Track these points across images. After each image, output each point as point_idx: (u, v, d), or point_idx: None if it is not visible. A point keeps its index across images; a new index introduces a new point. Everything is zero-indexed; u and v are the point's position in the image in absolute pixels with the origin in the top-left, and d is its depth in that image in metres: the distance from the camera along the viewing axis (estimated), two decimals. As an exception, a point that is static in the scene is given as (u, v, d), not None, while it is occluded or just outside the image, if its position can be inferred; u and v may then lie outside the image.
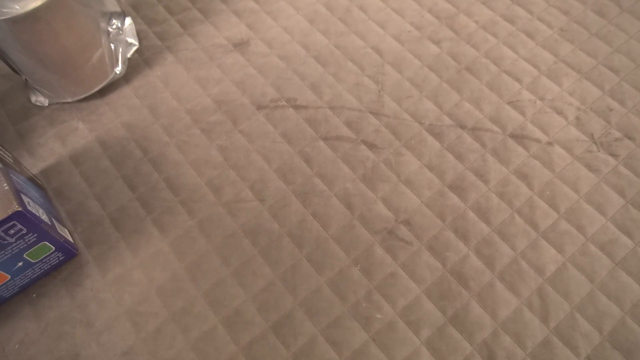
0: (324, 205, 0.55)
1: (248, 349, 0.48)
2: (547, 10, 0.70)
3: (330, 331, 0.48)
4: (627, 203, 0.55)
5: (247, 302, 0.50)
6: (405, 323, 0.49)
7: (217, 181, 0.57)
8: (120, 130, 0.62)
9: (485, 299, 0.50)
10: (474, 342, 0.48)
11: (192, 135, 0.61)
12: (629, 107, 0.61)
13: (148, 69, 0.67)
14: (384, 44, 0.68)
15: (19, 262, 0.47)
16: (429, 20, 0.70)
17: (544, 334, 0.48)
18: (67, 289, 0.51)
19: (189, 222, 0.55)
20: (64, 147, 0.61)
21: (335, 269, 0.52)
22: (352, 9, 0.72)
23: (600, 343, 0.47)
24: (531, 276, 0.51)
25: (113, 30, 0.62)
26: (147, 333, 0.49)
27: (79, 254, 0.53)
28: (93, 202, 0.57)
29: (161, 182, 0.58)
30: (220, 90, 0.65)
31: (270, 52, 0.68)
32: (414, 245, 0.53)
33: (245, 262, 0.52)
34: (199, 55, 0.68)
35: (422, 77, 0.65)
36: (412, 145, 0.59)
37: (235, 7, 0.72)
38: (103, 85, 0.63)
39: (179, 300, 0.50)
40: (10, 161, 0.50)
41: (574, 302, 0.49)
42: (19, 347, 0.49)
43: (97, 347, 0.48)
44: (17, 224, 0.43)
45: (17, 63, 0.57)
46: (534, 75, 0.64)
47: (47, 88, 0.61)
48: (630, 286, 0.50)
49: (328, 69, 0.66)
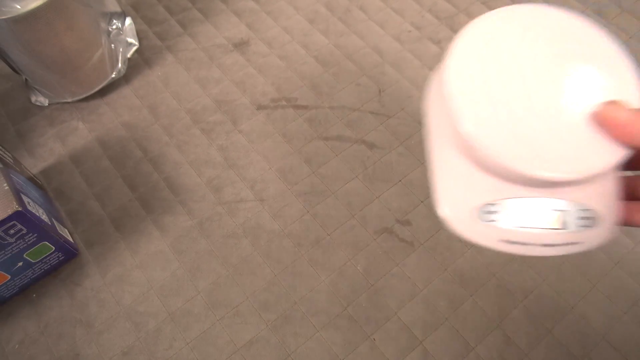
0: (324, 205, 0.55)
1: (248, 349, 0.48)
2: (547, 10, 0.70)
3: (330, 331, 0.48)
4: (627, 203, 0.55)
5: (247, 302, 0.50)
6: (406, 323, 0.49)
7: (217, 181, 0.57)
8: (120, 130, 0.62)
9: (485, 298, 0.50)
10: (474, 342, 0.48)
11: (192, 135, 0.61)
12: (629, 107, 0.61)
13: (148, 69, 0.67)
14: (384, 44, 0.68)
15: (19, 262, 0.47)
16: (429, 20, 0.70)
17: (544, 333, 0.48)
18: (67, 289, 0.51)
19: (189, 222, 0.55)
20: (64, 147, 0.61)
21: (335, 269, 0.52)
22: (352, 9, 0.72)
23: (600, 343, 0.47)
24: (531, 276, 0.51)
25: (113, 30, 0.62)
26: (147, 333, 0.49)
27: (79, 254, 0.53)
28: (93, 202, 0.57)
29: (161, 182, 0.58)
30: (220, 90, 0.65)
31: (270, 52, 0.68)
32: (414, 245, 0.53)
33: (245, 262, 0.52)
34: (199, 55, 0.68)
35: (422, 77, 0.65)
36: (412, 145, 0.59)
37: (235, 7, 0.72)
38: (103, 85, 0.63)
39: (179, 300, 0.50)
40: (10, 161, 0.50)
41: (574, 302, 0.49)
42: (19, 347, 0.49)
43: (97, 347, 0.48)
44: (17, 224, 0.43)
45: (17, 63, 0.57)
46: (534, 75, 0.64)
47: (47, 88, 0.61)
48: (630, 286, 0.50)
49: (328, 69, 0.66)
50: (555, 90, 0.33)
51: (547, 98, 0.32)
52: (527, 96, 0.32)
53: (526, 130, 0.31)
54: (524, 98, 0.32)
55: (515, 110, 0.32)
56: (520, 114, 0.32)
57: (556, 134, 0.31)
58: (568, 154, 0.30)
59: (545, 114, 0.32)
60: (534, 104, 0.32)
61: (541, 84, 0.33)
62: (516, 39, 0.35)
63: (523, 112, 0.32)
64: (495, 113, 0.31)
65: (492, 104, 0.32)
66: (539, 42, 0.34)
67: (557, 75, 0.33)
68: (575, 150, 0.30)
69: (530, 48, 0.34)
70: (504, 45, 0.34)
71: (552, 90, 0.33)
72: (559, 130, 0.31)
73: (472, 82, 0.33)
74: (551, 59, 0.34)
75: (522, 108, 0.32)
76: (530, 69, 0.34)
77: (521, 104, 0.32)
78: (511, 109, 0.32)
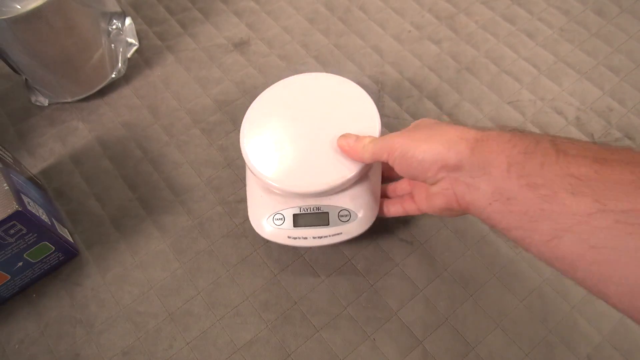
0: (324, 205, 0.55)
1: (248, 349, 0.48)
2: (547, 10, 0.70)
3: (330, 331, 0.48)
4: (627, 203, 0.55)
5: (247, 302, 0.50)
6: (406, 323, 0.49)
7: (217, 181, 0.57)
8: (121, 130, 0.62)
9: (485, 298, 0.50)
10: (474, 342, 0.48)
11: (192, 135, 0.61)
12: (629, 107, 0.61)
13: (148, 69, 0.67)
14: (384, 44, 0.68)
15: (19, 262, 0.47)
16: (429, 20, 0.70)
17: (543, 334, 0.48)
18: (67, 289, 0.51)
19: (189, 222, 0.55)
20: (64, 147, 0.61)
21: (335, 268, 0.52)
22: (352, 9, 0.72)
23: (600, 343, 0.47)
24: (530, 276, 0.51)
25: (113, 30, 0.62)
26: (147, 333, 0.49)
27: (79, 254, 0.53)
28: (93, 202, 0.57)
29: (161, 182, 0.58)
30: (220, 90, 0.65)
31: (270, 52, 0.68)
32: (414, 245, 0.53)
33: (245, 262, 0.52)
34: (199, 55, 0.68)
35: (422, 77, 0.65)
36: (412, 145, 0.59)
37: (235, 7, 0.72)
38: (103, 85, 0.63)
39: (179, 300, 0.50)
40: (10, 161, 0.50)
41: (574, 302, 0.49)
42: (19, 347, 0.49)
43: (97, 347, 0.48)
44: (17, 224, 0.43)
45: (17, 63, 0.57)
46: (534, 75, 0.64)
47: (47, 88, 0.61)
48: (630, 286, 0.50)
49: (328, 69, 0.66)
50: (318, 130, 0.47)
51: (312, 135, 0.46)
52: (297, 137, 0.46)
53: (293, 161, 0.45)
54: (294, 140, 0.46)
55: (286, 148, 0.46)
56: (289, 150, 0.46)
57: (315, 161, 0.45)
58: (321, 173, 0.44)
59: (308, 147, 0.46)
60: (300, 142, 0.46)
61: (307, 126, 0.47)
62: (292, 98, 0.50)
63: (292, 148, 0.46)
64: (271, 153, 0.46)
65: (270, 147, 0.46)
66: (309, 97, 0.49)
67: (321, 118, 0.48)
68: (326, 170, 0.44)
69: (303, 102, 0.49)
70: (283, 102, 0.49)
71: (316, 130, 0.47)
72: (317, 158, 0.45)
73: (258, 134, 0.47)
74: (319, 108, 0.48)
75: (291, 146, 0.46)
76: (301, 118, 0.48)
77: (291, 144, 0.46)
78: (283, 148, 0.46)
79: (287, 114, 0.48)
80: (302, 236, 0.47)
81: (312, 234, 0.47)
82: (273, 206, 0.48)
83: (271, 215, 0.47)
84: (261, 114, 0.49)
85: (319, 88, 0.50)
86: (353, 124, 0.46)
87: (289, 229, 0.47)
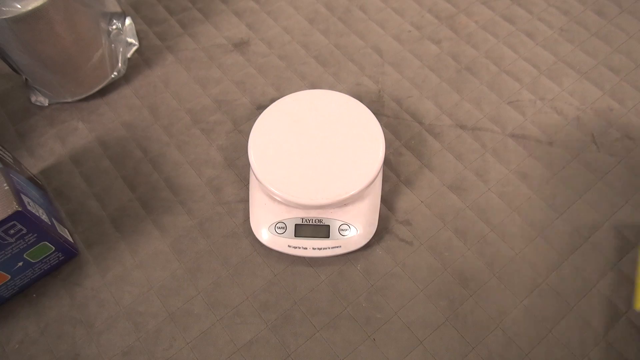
0: (324, 205, 0.55)
1: (248, 349, 0.48)
2: (547, 10, 0.70)
3: (330, 331, 0.48)
4: (626, 203, 0.55)
5: (247, 302, 0.50)
6: (405, 323, 0.49)
7: (217, 181, 0.57)
8: (120, 130, 0.62)
9: (485, 298, 0.50)
10: (474, 342, 0.48)
11: (192, 135, 0.61)
12: (629, 107, 0.61)
13: (148, 69, 0.67)
14: (384, 44, 0.68)
15: (19, 262, 0.47)
16: (429, 20, 0.70)
17: (544, 333, 0.48)
18: (67, 289, 0.51)
19: (189, 222, 0.55)
20: (64, 147, 0.61)
21: (335, 268, 0.52)
22: (352, 9, 0.72)
23: (600, 343, 0.47)
24: (530, 276, 0.51)
25: (113, 30, 0.62)
26: (147, 333, 0.49)
27: (79, 254, 0.53)
28: (93, 202, 0.57)
29: (161, 182, 0.58)
30: (220, 90, 0.65)
31: (270, 52, 0.68)
32: (414, 245, 0.53)
33: (245, 262, 0.52)
34: (199, 55, 0.68)
35: (422, 77, 0.65)
36: (412, 145, 0.59)
37: (235, 7, 0.72)
38: (103, 85, 0.63)
39: (179, 300, 0.50)
40: (10, 161, 0.50)
41: (574, 303, 0.49)
42: (19, 347, 0.49)
43: (97, 347, 0.48)
44: (17, 224, 0.43)
45: (17, 63, 0.57)
46: (534, 75, 0.64)
47: (47, 88, 0.61)
48: (628, 287, 0.50)
49: (328, 69, 0.66)
50: (325, 145, 0.48)
51: (318, 150, 0.48)
52: (304, 151, 0.48)
53: (300, 173, 0.47)
54: (301, 153, 0.48)
55: (293, 161, 0.47)
56: (296, 163, 0.47)
57: (320, 175, 0.47)
58: (326, 187, 0.46)
59: (314, 161, 0.47)
60: (307, 155, 0.48)
61: (314, 140, 0.49)
62: (301, 112, 0.51)
63: (299, 161, 0.47)
64: (279, 164, 0.47)
65: (277, 158, 0.48)
66: (318, 113, 0.51)
67: (328, 135, 0.49)
68: (331, 184, 0.46)
69: (311, 117, 0.51)
70: (291, 116, 0.51)
71: (322, 145, 0.48)
72: (323, 173, 0.47)
73: (265, 145, 0.49)
74: (326, 124, 0.50)
75: (298, 159, 0.47)
76: (308, 133, 0.49)
77: (298, 157, 0.47)
78: (290, 160, 0.47)
79: (295, 128, 0.50)
80: (302, 246, 0.49)
81: (312, 245, 0.49)
82: (276, 215, 0.50)
83: (273, 224, 0.50)
84: (269, 126, 0.51)
85: (327, 105, 0.52)
86: (358, 143, 0.49)
87: (289, 238, 0.49)
